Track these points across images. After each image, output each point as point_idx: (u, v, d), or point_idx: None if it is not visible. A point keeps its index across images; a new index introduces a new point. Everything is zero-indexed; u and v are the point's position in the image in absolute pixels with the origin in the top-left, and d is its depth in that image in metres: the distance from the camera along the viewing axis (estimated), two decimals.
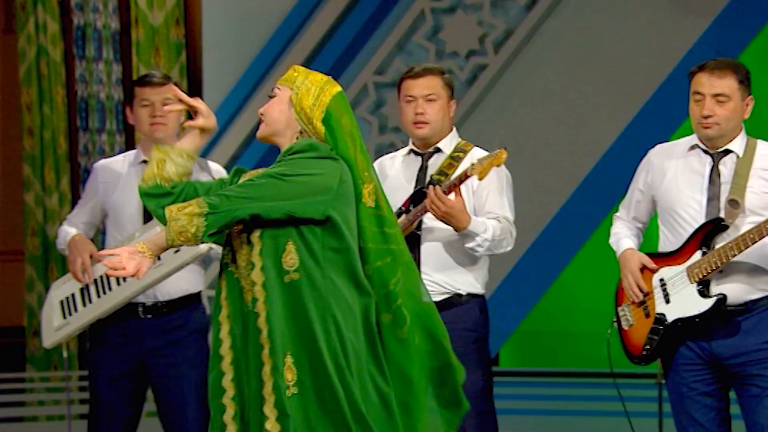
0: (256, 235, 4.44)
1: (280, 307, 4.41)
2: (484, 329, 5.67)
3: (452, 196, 5.45)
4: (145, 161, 5.91)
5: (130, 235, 5.84)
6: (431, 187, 5.46)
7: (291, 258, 4.43)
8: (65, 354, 6.71)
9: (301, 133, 4.54)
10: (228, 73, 9.11)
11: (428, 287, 5.34)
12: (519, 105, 8.82)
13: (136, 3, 9.32)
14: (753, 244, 5.16)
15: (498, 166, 5.46)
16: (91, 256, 5.92)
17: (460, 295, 5.62)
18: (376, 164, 5.77)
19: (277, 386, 4.37)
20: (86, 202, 6.17)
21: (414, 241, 5.55)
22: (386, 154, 6.08)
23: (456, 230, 5.49)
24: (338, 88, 4.58)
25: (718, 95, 5.24)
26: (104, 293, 5.94)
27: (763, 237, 5.14)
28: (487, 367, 5.68)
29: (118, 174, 6.07)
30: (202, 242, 4.43)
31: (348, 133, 4.53)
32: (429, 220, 5.58)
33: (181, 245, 4.42)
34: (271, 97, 4.57)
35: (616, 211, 5.69)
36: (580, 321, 8.69)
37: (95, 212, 6.14)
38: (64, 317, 6.05)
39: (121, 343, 5.97)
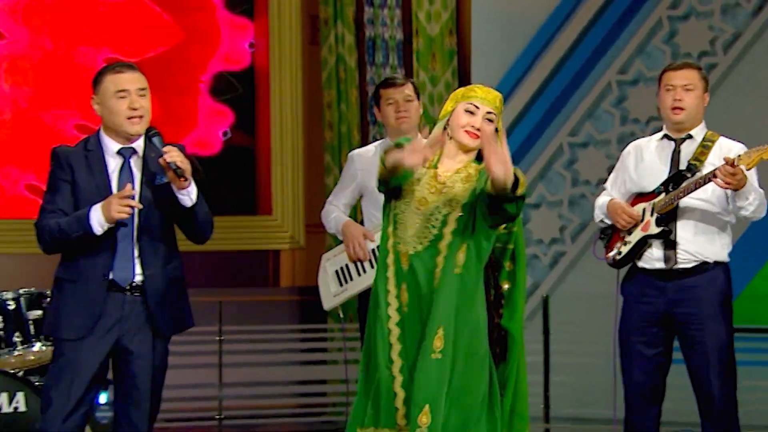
0: (448, 231, 4.65)
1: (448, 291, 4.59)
2: (728, 292, 5.61)
3: None
4: None
5: None
6: (721, 167, 5.31)
7: (461, 257, 4.62)
8: (341, 314, 6.76)
9: None
10: (493, 75, 9.02)
11: (681, 256, 5.54)
12: (745, 100, 8.66)
13: (416, 17, 9.39)
14: None
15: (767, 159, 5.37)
16: (364, 236, 6.05)
17: (707, 263, 5.55)
18: (632, 146, 5.79)
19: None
20: (346, 186, 6.26)
21: (671, 216, 5.54)
22: (628, 142, 6.05)
23: (736, 190, 5.37)
24: None
25: None
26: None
27: None
28: (730, 324, 5.61)
29: (373, 161, 6.02)
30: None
31: None
32: (685, 199, 5.53)
33: None
34: (490, 121, 4.68)
35: None
36: None
37: (354, 195, 6.25)
38: (341, 285, 6.19)
39: None
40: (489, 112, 4.67)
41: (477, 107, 4.66)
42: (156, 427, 8.39)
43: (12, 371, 6.03)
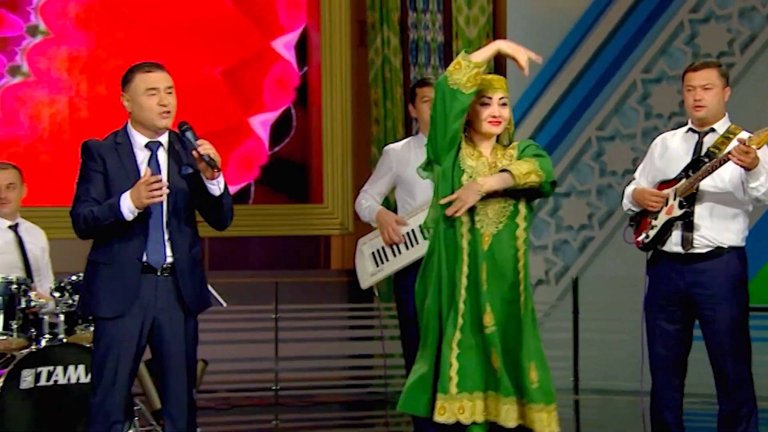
0: (521, 205, 4.81)
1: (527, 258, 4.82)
2: (743, 274, 5.57)
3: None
4: None
5: (422, 203, 5.89)
6: (735, 146, 5.31)
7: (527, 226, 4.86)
8: (377, 293, 6.67)
9: None
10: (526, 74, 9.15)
11: (697, 241, 5.52)
12: (761, 96, 8.62)
13: (456, 21, 9.41)
14: None
15: None
16: (396, 222, 6.03)
17: (722, 248, 5.52)
18: (659, 139, 5.78)
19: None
20: (381, 176, 6.22)
21: (691, 200, 5.54)
22: (652, 136, 6.08)
23: (748, 170, 5.34)
24: None
25: None
26: (412, 246, 6.00)
27: None
28: (743, 305, 5.57)
29: (408, 154, 6.11)
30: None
31: None
32: (703, 184, 5.52)
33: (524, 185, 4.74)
34: (504, 104, 4.82)
35: None
36: None
37: (389, 185, 6.21)
38: (377, 265, 6.12)
39: None
40: (501, 98, 4.81)
41: (490, 97, 4.79)
42: (217, 397, 8.66)
43: (88, 345, 6.08)
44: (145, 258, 4.89)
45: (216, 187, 4.89)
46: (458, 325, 4.71)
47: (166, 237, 4.90)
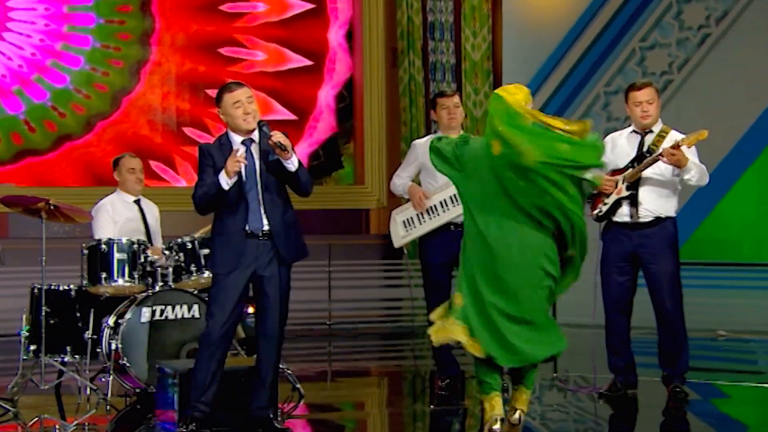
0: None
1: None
2: (676, 237, 5.55)
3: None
4: None
5: (443, 185, 5.79)
6: (666, 149, 5.30)
7: None
8: (406, 251, 6.54)
9: None
10: None
11: (642, 213, 5.48)
12: (693, 105, 8.58)
13: (464, 48, 9.40)
14: None
15: (702, 139, 5.36)
16: (422, 193, 5.93)
17: (661, 218, 5.51)
18: (608, 138, 5.61)
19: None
20: (409, 164, 6.08)
21: (635, 184, 5.49)
22: (614, 133, 6.04)
23: (679, 167, 5.34)
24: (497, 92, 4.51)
25: None
26: (435, 215, 5.92)
27: None
28: (677, 259, 5.57)
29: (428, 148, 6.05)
30: None
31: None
32: (646, 172, 5.48)
33: None
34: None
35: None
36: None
37: (415, 170, 6.06)
38: (406, 230, 6.02)
39: (441, 245, 5.86)
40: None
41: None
42: (287, 330, 8.65)
43: (190, 290, 6.12)
44: (247, 227, 4.86)
45: (291, 165, 4.85)
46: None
47: (263, 210, 4.87)
